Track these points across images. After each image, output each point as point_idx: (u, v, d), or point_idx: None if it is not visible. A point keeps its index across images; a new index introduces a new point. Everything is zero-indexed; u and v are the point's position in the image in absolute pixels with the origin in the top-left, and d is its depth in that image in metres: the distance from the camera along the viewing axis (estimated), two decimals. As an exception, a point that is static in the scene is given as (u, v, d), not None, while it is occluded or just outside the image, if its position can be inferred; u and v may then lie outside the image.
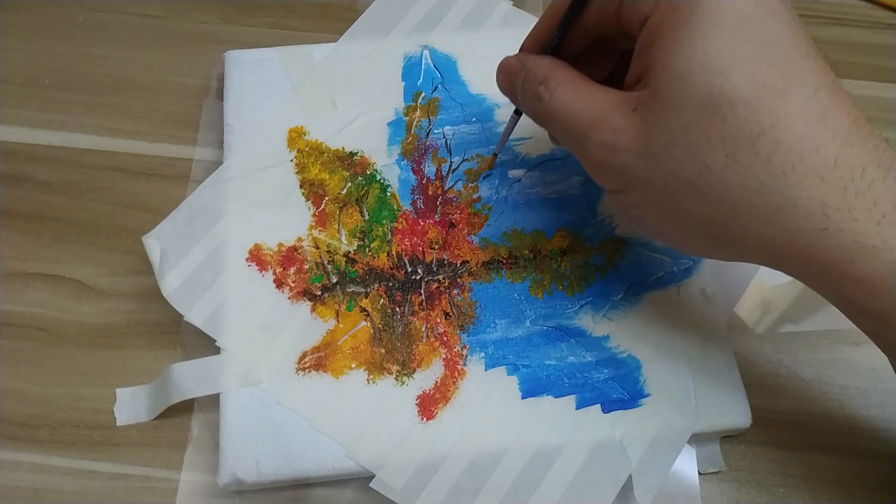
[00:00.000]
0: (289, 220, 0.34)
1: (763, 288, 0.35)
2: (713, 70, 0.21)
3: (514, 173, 0.36)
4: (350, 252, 0.34)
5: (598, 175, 0.26)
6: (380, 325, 0.32)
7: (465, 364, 0.32)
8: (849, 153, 0.21)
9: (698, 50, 0.22)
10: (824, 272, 0.22)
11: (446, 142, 0.36)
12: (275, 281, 0.33)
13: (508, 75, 0.29)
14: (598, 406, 0.31)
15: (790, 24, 0.22)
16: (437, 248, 0.34)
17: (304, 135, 0.36)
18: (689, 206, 0.23)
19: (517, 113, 0.32)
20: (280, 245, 0.34)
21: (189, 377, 0.31)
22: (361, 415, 0.31)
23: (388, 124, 0.37)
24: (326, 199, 0.35)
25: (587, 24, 0.27)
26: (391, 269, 0.34)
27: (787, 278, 0.25)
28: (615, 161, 0.24)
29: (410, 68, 0.38)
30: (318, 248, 0.34)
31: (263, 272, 0.33)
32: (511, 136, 0.36)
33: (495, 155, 0.35)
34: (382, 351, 0.32)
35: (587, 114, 0.25)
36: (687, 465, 0.31)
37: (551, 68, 0.27)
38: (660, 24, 0.23)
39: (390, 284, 0.33)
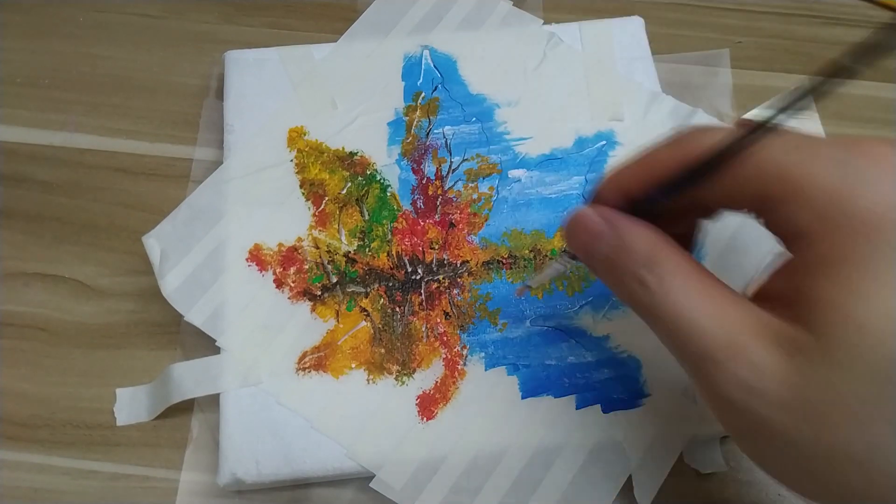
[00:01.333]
0: (289, 220, 0.34)
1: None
2: None
3: (514, 173, 0.36)
4: (350, 252, 0.34)
5: (724, 412, 0.21)
6: (380, 325, 0.32)
7: (465, 364, 0.32)
8: None
9: (882, 301, 0.18)
10: None
11: (446, 142, 0.36)
12: (275, 281, 0.33)
13: (587, 236, 0.23)
14: (598, 406, 0.31)
15: None
16: (437, 248, 0.34)
17: (304, 135, 0.36)
18: (848, 479, 0.19)
19: (573, 257, 0.26)
20: (280, 245, 0.34)
21: (189, 377, 0.31)
22: (361, 415, 0.31)
23: (388, 124, 0.37)
24: (326, 199, 0.35)
25: (701, 197, 0.21)
26: (391, 269, 0.34)
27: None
28: (752, 408, 0.19)
29: (410, 68, 0.38)
30: (318, 248, 0.34)
31: (263, 272, 0.33)
32: (511, 137, 0.37)
33: (527, 286, 0.32)
34: (382, 351, 0.32)
35: (716, 332, 0.20)
36: (687, 465, 0.31)
37: (656, 245, 0.21)
38: (829, 252, 0.19)
39: (390, 284, 0.33)
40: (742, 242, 0.34)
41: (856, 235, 0.18)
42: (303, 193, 0.35)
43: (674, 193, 0.22)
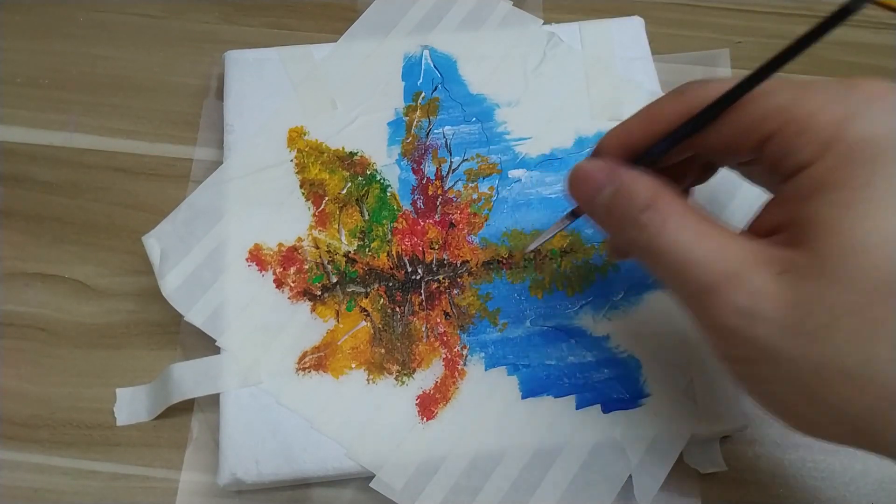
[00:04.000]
0: (289, 220, 0.34)
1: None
2: None
3: (514, 173, 0.36)
4: (350, 252, 0.34)
5: (721, 341, 0.22)
6: (380, 325, 0.32)
7: (465, 364, 0.32)
8: None
9: (880, 219, 0.18)
10: None
11: (446, 142, 0.36)
12: (275, 281, 0.33)
13: (587, 187, 0.24)
14: (598, 406, 0.31)
15: None
16: (437, 248, 0.34)
17: (304, 135, 0.36)
18: (842, 395, 0.19)
19: (572, 215, 0.27)
20: (280, 245, 0.34)
21: (189, 377, 0.31)
22: (361, 415, 0.31)
23: (388, 124, 0.37)
24: (326, 199, 0.35)
25: (703, 145, 0.23)
26: (391, 269, 0.34)
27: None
28: (752, 332, 0.20)
29: (410, 68, 0.38)
30: (318, 248, 0.34)
31: (263, 272, 0.33)
32: (510, 137, 0.37)
33: (523, 252, 0.33)
34: (382, 351, 0.32)
35: (715, 265, 0.21)
36: (687, 465, 0.31)
37: (656, 191, 0.22)
38: (827, 177, 0.20)
39: (390, 284, 0.33)
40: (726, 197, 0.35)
41: (855, 161, 0.19)
42: (303, 193, 0.35)
43: (677, 142, 0.23)
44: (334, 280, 0.33)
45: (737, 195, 0.35)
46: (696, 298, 0.21)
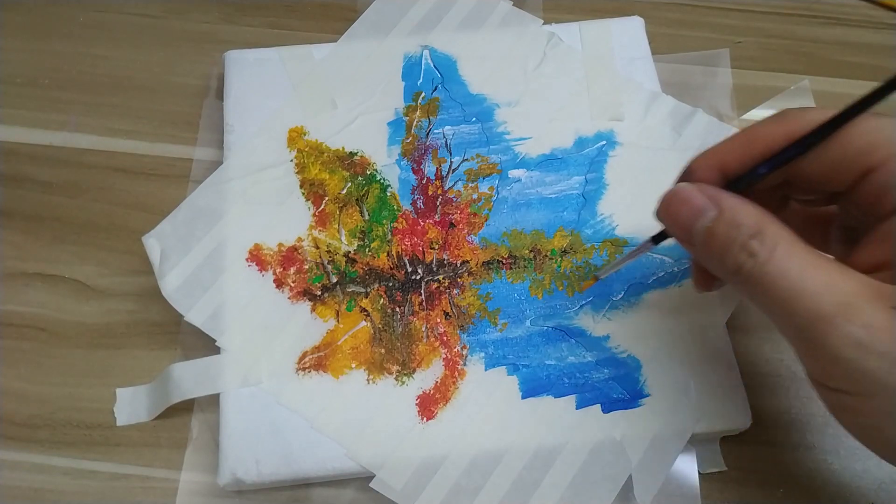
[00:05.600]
0: (289, 220, 0.34)
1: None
2: None
3: (515, 173, 0.36)
4: (350, 252, 0.34)
5: (831, 371, 0.21)
6: (380, 325, 0.32)
7: (465, 364, 0.32)
8: None
9: None
10: None
11: (446, 142, 0.36)
12: (275, 281, 0.33)
13: (687, 210, 0.23)
14: (598, 406, 0.31)
15: None
16: (437, 248, 0.34)
17: (304, 135, 0.36)
18: None
19: (656, 239, 0.26)
20: (280, 245, 0.34)
21: (189, 377, 0.31)
22: (361, 415, 0.31)
23: (388, 124, 0.37)
24: (326, 199, 0.35)
25: (801, 171, 0.22)
26: (391, 269, 0.34)
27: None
28: (865, 364, 0.20)
29: (410, 68, 0.38)
30: (318, 248, 0.34)
31: (263, 272, 0.33)
32: (511, 137, 0.37)
33: (596, 278, 0.32)
34: (382, 351, 0.32)
35: (829, 296, 0.20)
36: (687, 465, 0.31)
37: (762, 219, 0.22)
38: None
39: (390, 284, 0.33)
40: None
41: None
42: (303, 193, 0.35)
43: (779, 166, 0.22)
44: (334, 280, 0.33)
45: None
46: (807, 329, 0.21)
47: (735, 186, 0.23)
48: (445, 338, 0.32)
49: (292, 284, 0.33)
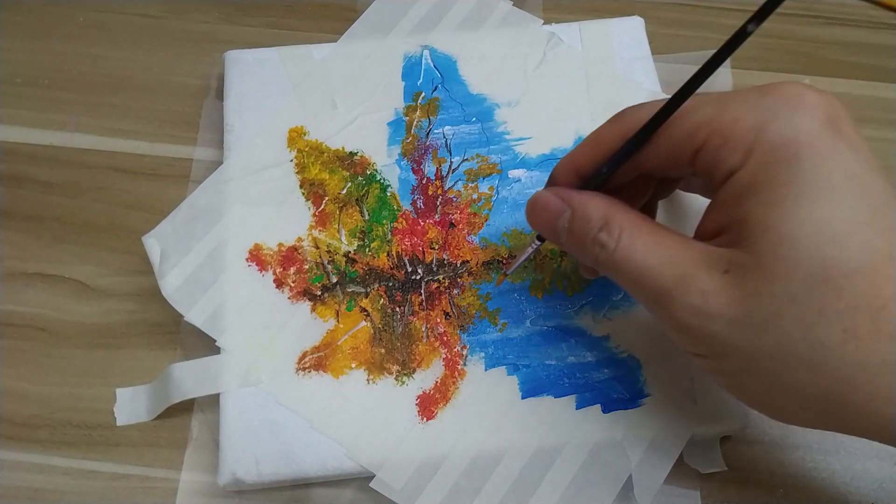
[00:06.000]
0: (289, 220, 0.34)
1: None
2: (825, 237, 0.20)
3: (515, 173, 0.36)
4: (350, 252, 0.34)
5: (683, 340, 0.23)
6: (380, 325, 0.32)
7: (465, 364, 0.32)
8: None
9: (805, 214, 0.20)
10: None
11: (446, 142, 0.36)
12: (275, 281, 0.33)
13: (547, 214, 0.26)
14: (598, 406, 0.31)
15: (888, 178, 0.21)
16: (437, 248, 0.34)
17: (304, 135, 0.36)
18: (800, 380, 0.21)
19: (540, 239, 0.29)
20: (280, 245, 0.34)
21: (189, 377, 0.31)
22: (361, 415, 0.31)
23: (388, 124, 0.37)
24: (326, 199, 0.35)
25: (643, 164, 0.24)
26: (391, 269, 0.34)
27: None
28: (708, 329, 0.22)
29: (410, 68, 0.38)
30: (318, 248, 0.34)
31: (263, 272, 0.33)
32: (511, 137, 0.37)
33: (505, 274, 0.33)
34: (382, 351, 0.32)
35: (667, 271, 0.22)
36: (687, 465, 0.31)
37: (609, 210, 0.24)
38: (753, 180, 0.21)
39: (390, 284, 0.33)
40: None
41: (776, 162, 0.21)
42: (303, 193, 0.35)
43: (619, 164, 0.24)
44: (334, 280, 0.33)
45: None
46: (655, 303, 0.23)
47: (590, 186, 0.26)
48: (445, 338, 0.32)
49: (292, 284, 0.33)
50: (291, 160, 0.36)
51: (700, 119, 0.22)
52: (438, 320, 0.33)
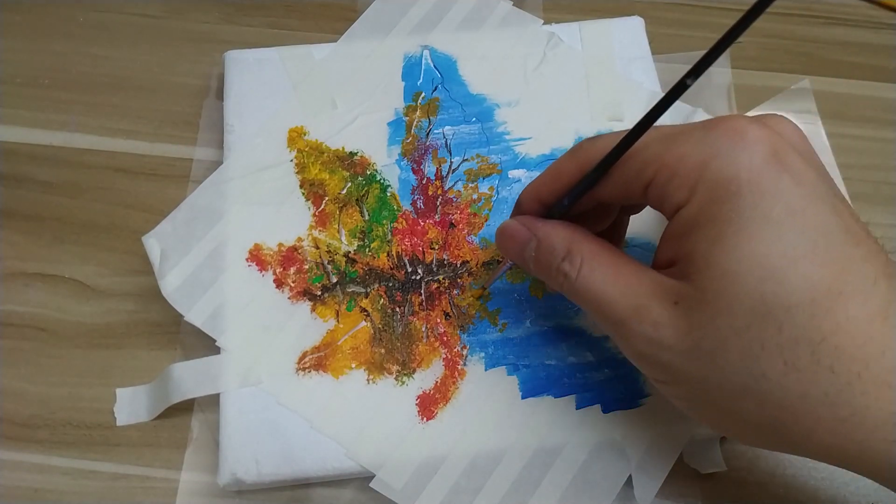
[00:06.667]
0: (289, 220, 0.34)
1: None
2: (764, 273, 0.20)
3: (515, 173, 0.36)
4: (350, 252, 0.34)
5: (641, 365, 0.24)
6: (380, 325, 0.32)
7: (465, 364, 0.32)
8: None
9: (745, 250, 0.20)
10: None
11: (446, 142, 0.36)
12: (275, 281, 0.33)
13: (515, 244, 0.27)
14: (598, 406, 0.31)
15: (837, 208, 0.21)
16: (437, 248, 0.34)
17: (304, 135, 0.36)
18: (748, 409, 0.22)
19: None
20: (280, 245, 0.34)
21: (189, 377, 0.31)
22: (361, 415, 0.31)
23: (388, 124, 0.37)
24: (326, 199, 0.35)
25: (601, 196, 0.25)
26: (391, 269, 0.34)
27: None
28: (661, 358, 0.23)
29: (410, 68, 0.38)
30: (318, 248, 0.34)
31: (263, 272, 0.33)
32: (511, 137, 0.37)
33: (483, 288, 0.33)
34: (382, 351, 0.32)
35: (623, 300, 0.23)
36: (687, 465, 0.31)
37: (571, 240, 0.25)
38: (698, 215, 0.22)
39: (390, 284, 0.33)
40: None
41: (719, 198, 0.21)
42: (303, 193, 0.35)
43: (578, 198, 0.25)
44: (334, 280, 0.33)
45: None
46: (614, 331, 0.24)
47: (554, 215, 0.26)
48: (445, 338, 0.32)
49: (292, 284, 0.33)
50: (291, 160, 0.36)
51: (649, 155, 0.23)
52: (438, 320, 0.33)
